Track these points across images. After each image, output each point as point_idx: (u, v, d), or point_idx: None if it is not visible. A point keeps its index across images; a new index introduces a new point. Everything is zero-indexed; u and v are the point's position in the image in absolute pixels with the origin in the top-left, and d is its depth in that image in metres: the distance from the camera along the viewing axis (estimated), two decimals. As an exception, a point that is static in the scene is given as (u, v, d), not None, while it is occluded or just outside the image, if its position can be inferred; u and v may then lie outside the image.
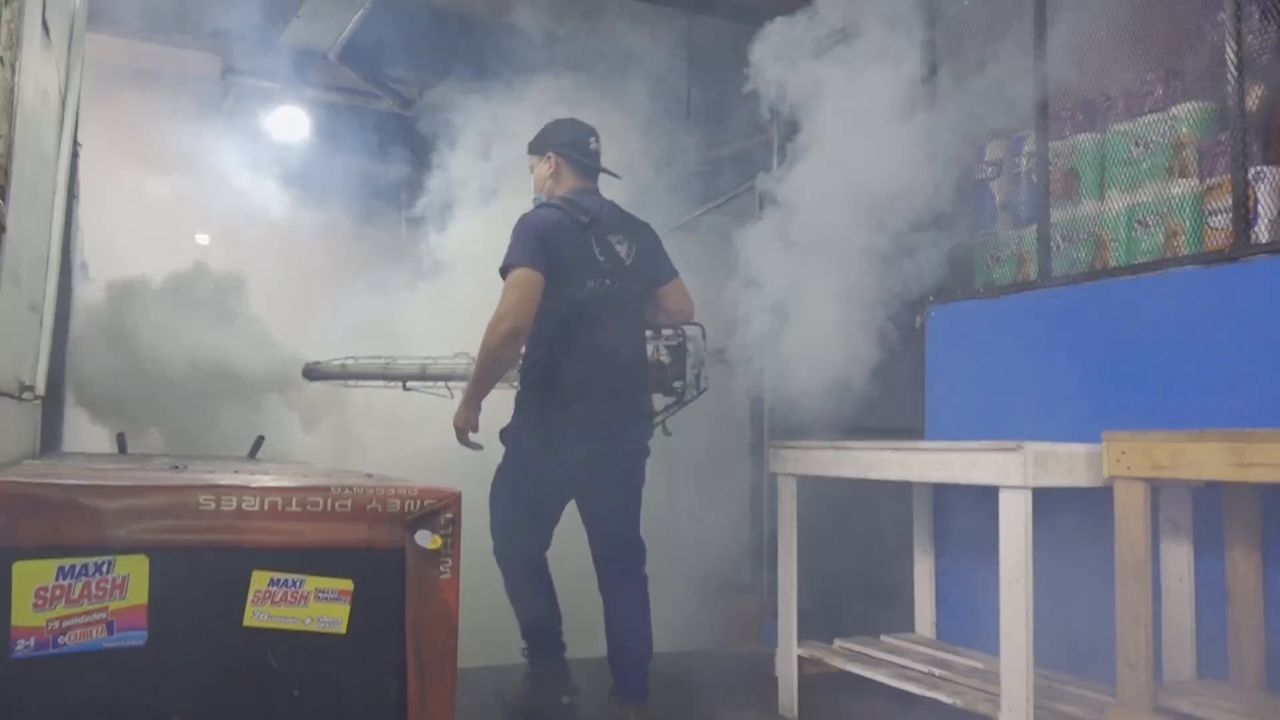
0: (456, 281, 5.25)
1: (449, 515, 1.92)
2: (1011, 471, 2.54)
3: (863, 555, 3.99)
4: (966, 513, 3.37)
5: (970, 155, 3.73)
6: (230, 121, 7.17)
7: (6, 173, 1.72)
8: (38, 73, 2.61)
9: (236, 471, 2.31)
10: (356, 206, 7.54)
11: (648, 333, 3.30)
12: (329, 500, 1.82)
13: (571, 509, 3.19)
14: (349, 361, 4.12)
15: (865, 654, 3.42)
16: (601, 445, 3.02)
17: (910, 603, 3.73)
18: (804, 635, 3.47)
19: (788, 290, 4.73)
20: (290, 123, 7.45)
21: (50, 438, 3.44)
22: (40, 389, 3.27)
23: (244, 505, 1.75)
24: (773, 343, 4.71)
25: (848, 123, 4.35)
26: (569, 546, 3.26)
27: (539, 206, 3.19)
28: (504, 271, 3.00)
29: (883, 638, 3.62)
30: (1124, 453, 2.48)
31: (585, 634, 3.43)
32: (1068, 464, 2.60)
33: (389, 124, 7.61)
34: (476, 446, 3.09)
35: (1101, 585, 2.61)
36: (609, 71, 5.85)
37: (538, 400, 3.04)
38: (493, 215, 5.75)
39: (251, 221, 6.69)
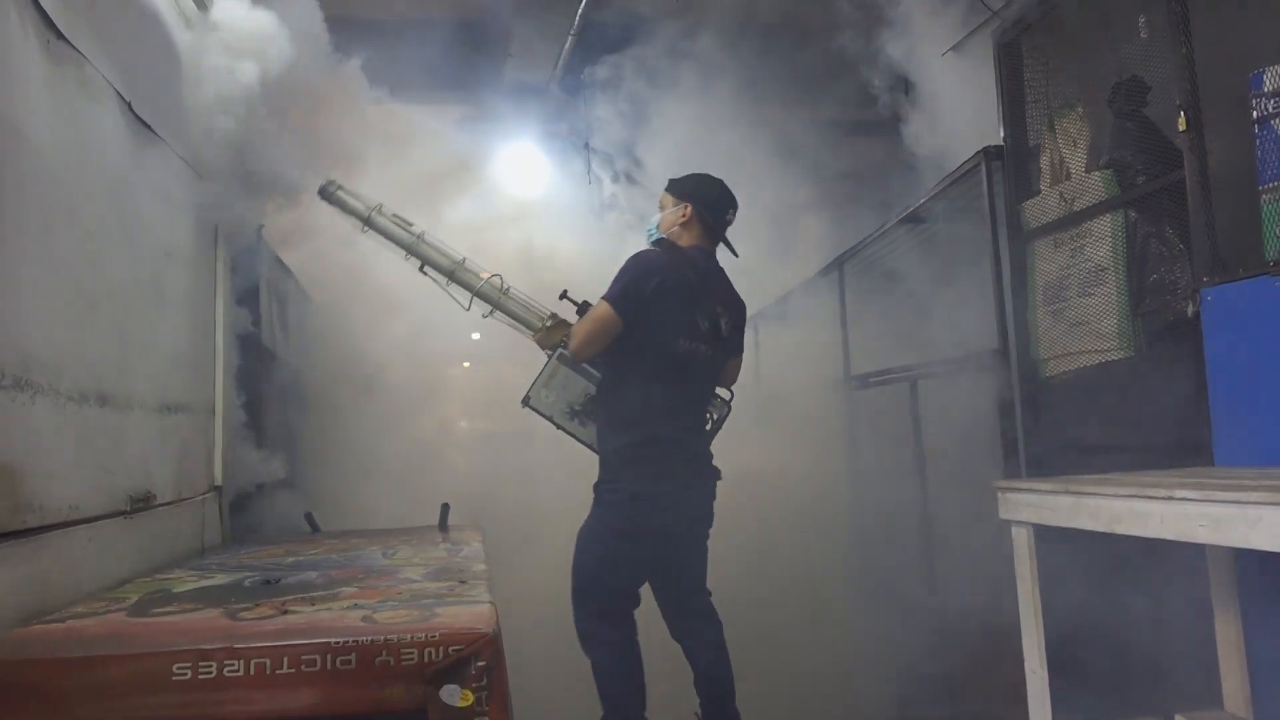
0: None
1: (481, 663, 1.56)
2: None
3: (1140, 606, 3.18)
4: None
5: (1239, 87, 2.85)
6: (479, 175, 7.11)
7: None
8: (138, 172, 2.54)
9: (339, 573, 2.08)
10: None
11: None
12: (329, 657, 1.52)
13: None
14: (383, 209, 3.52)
15: (1152, 750, 2.66)
16: (693, 503, 3.08)
17: (1212, 671, 2.90)
18: (1071, 711, 2.77)
19: (1036, 278, 3.98)
20: (532, 165, 7.43)
21: (242, 524, 3.46)
22: (217, 479, 3.31)
23: (225, 671, 1.48)
24: (1020, 341, 3.98)
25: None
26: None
27: (659, 242, 3.15)
28: (605, 298, 3.00)
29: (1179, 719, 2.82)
30: None
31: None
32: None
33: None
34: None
35: None
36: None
37: (633, 459, 2.98)
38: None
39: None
